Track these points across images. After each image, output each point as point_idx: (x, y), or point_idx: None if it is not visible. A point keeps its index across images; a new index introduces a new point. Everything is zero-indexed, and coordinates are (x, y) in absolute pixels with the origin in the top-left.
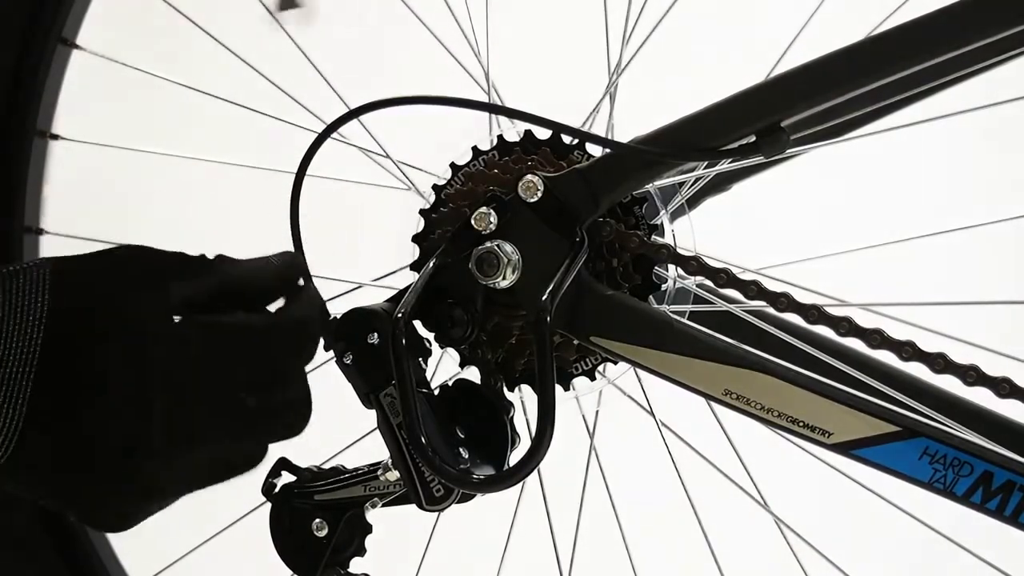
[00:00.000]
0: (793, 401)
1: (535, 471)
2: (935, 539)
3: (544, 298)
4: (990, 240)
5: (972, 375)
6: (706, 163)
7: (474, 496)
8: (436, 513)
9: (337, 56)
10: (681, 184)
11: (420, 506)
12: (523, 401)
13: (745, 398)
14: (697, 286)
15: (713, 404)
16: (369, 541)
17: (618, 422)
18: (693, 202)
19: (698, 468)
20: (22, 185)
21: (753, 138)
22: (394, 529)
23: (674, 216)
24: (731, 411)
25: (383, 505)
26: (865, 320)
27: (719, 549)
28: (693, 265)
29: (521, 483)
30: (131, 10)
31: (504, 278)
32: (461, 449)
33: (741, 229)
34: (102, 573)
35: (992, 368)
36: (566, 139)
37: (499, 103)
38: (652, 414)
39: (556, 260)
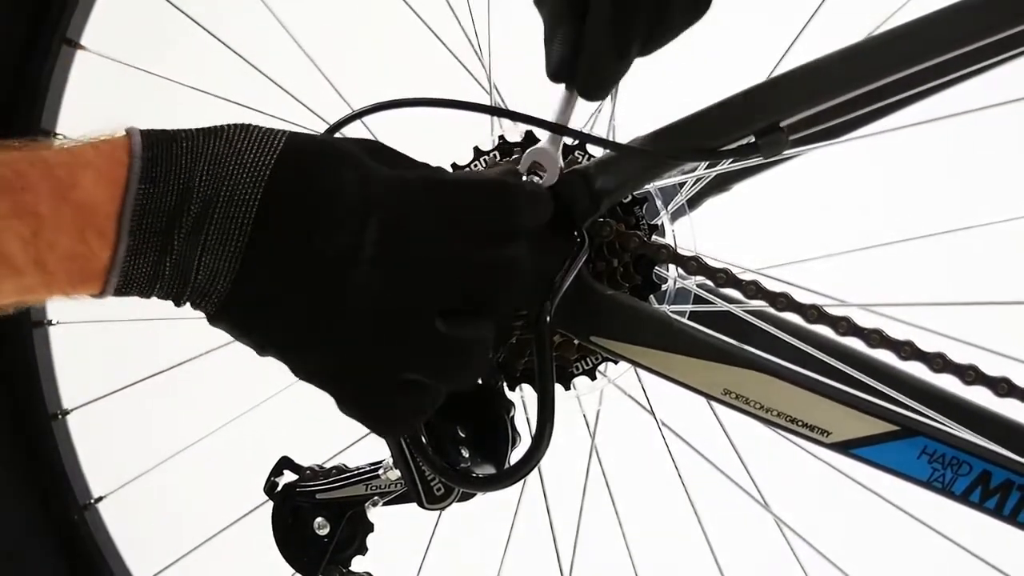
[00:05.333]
0: (791, 400)
1: (535, 470)
2: (937, 541)
3: (547, 299)
4: (991, 240)
5: (971, 374)
6: (706, 163)
7: (475, 495)
8: (437, 512)
9: (337, 55)
10: (682, 184)
11: (421, 505)
12: (524, 400)
13: (744, 397)
14: (698, 286)
15: (713, 404)
16: (371, 539)
17: (620, 421)
18: (695, 201)
19: (698, 467)
20: None
21: (752, 138)
22: (395, 528)
23: (676, 216)
24: (730, 411)
25: (384, 504)
26: (864, 320)
27: (719, 548)
28: (692, 265)
29: (522, 482)
30: (134, 10)
31: None
32: (461, 448)
33: (744, 228)
34: (106, 571)
35: (991, 368)
36: (568, 139)
37: (501, 103)
38: (652, 413)
39: (555, 259)
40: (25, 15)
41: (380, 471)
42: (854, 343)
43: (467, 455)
